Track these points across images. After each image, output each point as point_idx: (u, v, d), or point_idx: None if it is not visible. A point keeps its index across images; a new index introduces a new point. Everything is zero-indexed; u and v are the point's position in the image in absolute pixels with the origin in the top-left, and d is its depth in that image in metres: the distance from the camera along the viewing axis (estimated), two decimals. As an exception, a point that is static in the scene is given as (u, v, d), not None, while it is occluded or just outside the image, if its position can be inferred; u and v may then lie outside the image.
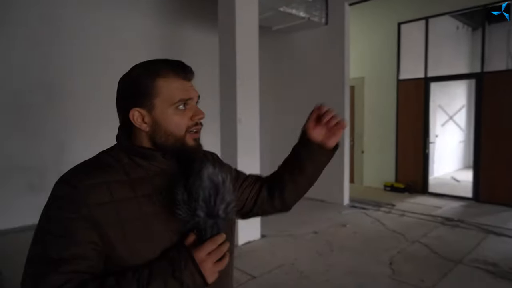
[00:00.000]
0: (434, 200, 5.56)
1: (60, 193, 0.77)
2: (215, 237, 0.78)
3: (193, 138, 0.86)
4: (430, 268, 3.14)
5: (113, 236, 0.75)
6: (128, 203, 0.78)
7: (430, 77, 5.89)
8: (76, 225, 0.73)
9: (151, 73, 0.83)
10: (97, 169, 0.80)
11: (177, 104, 0.83)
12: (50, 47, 4.35)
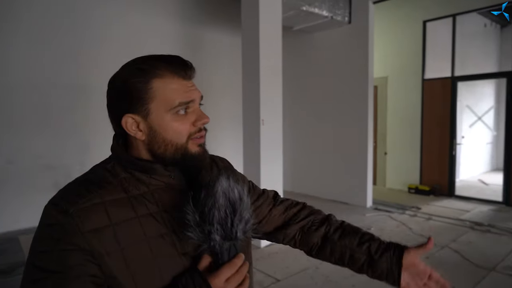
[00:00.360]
0: (461, 204, 5.38)
1: (50, 221, 0.65)
2: (234, 260, 0.68)
3: (197, 144, 0.75)
4: (461, 275, 3.01)
5: (115, 265, 0.65)
6: (129, 225, 0.68)
7: (457, 76, 5.69)
8: (72, 258, 0.63)
9: (145, 73, 0.71)
10: (91, 188, 0.68)
11: (176, 109, 0.71)
12: (76, 48, 4.44)
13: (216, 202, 0.66)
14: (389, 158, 6.64)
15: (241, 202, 0.68)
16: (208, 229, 0.65)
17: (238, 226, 0.67)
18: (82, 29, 4.46)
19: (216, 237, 0.65)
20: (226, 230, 0.66)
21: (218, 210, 0.65)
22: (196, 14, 5.41)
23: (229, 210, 0.66)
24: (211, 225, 0.65)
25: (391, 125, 6.56)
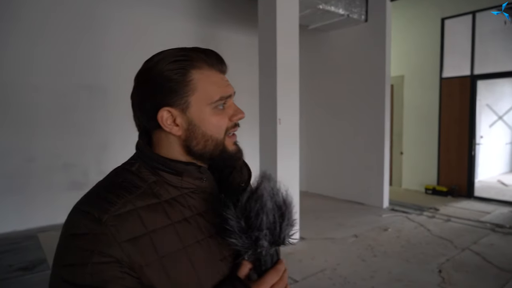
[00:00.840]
0: (480, 205, 5.26)
1: (80, 230, 0.59)
2: (277, 266, 0.66)
3: (233, 142, 0.72)
4: (484, 279, 2.94)
5: (155, 276, 0.60)
6: (165, 233, 0.63)
7: (477, 74, 5.57)
8: (108, 271, 0.57)
9: (184, 64, 0.67)
10: (120, 193, 0.63)
11: (217, 103, 0.68)
12: (96, 50, 4.49)
13: (263, 206, 0.62)
14: (405, 158, 6.54)
15: (286, 205, 0.65)
16: (256, 235, 0.62)
17: (286, 230, 0.64)
18: (101, 30, 4.51)
19: (264, 243, 0.62)
20: (274, 236, 0.63)
21: (267, 215, 0.62)
22: (212, 13, 5.42)
23: (277, 214, 0.63)
24: (260, 230, 0.61)
25: (407, 125, 6.46)
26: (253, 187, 0.66)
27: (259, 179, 0.66)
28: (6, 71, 3.96)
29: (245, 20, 5.63)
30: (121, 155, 4.24)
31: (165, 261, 0.62)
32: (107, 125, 4.64)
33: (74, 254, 0.58)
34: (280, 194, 0.66)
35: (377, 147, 5.19)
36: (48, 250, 3.52)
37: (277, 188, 0.66)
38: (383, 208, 5.15)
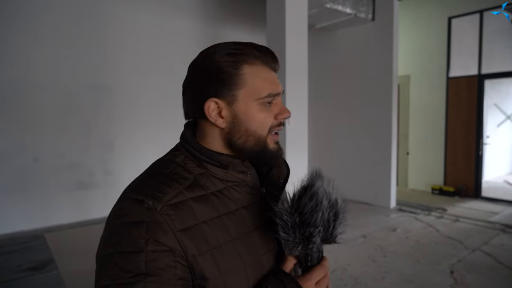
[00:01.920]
0: (488, 205, 5.22)
1: (134, 218, 0.60)
2: (323, 263, 0.67)
3: (274, 141, 0.72)
4: (496, 280, 2.91)
5: (206, 266, 0.61)
6: (214, 224, 0.64)
7: (484, 74, 5.53)
8: (163, 260, 0.58)
9: (237, 58, 0.67)
10: (172, 184, 0.64)
11: (265, 99, 0.68)
12: (100, 48, 4.47)
13: (319, 203, 0.63)
14: (411, 158, 6.50)
15: (340, 204, 0.67)
16: (310, 231, 0.63)
17: (338, 229, 0.66)
18: (106, 29, 4.49)
19: (317, 239, 0.63)
20: (327, 233, 0.64)
21: (322, 212, 0.63)
22: (218, 12, 5.40)
23: (331, 212, 0.65)
24: (315, 227, 0.63)
25: (414, 125, 6.43)
26: (305, 184, 0.66)
27: (313, 177, 0.67)
28: (11, 70, 3.95)
29: (251, 19, 5.62)
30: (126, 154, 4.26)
31: (215, 252, 0.63)
32: (112, 124, 4.62)
33: (129, 241, 0.59)
34: (334, 194, 0.67)
35: (384, 146, 5.16)
36: (55, 250, 3.47)
37: (331, 187, 0.67)
38: (390, 208, 5.12)
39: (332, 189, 0.67)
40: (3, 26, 3.85)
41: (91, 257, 2.83)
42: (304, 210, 0.63)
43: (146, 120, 4.84)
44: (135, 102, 4.77)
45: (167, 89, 4.99)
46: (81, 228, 4.19)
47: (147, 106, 4.85)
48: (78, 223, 4.36)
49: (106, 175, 4.63)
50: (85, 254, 3.42)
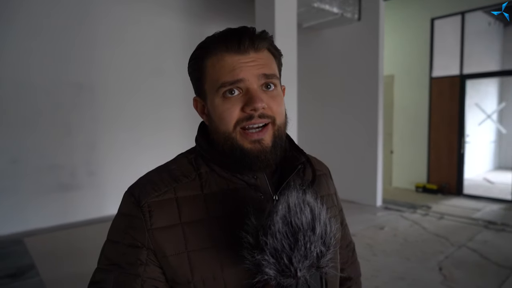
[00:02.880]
0: (470, 202, 5.35)
1: (123, 210, 0.64)
2: None
3: (250, 140, 0.61)
4: (484, 275, 2.96)
5: (178, 269, 0.58)
6: (199, 227, 0.60)
7: (466, 74, 5.67)
8: (134, 255, 0.59)
9: (201, 51, 0.64)
10: (167, 181, 0.63)
11: (221, 90, 0.61)
12: (82, 47, 4.32)
13: (271, 226, 0.50)
14: (395, 156, 6.60)
15: (310, 231, 0.50)
16: (257, 258, 0.50)
17: (300, 263, 0.50)
18: (89, 26, 4.34)
19: (268, 271, 0.50)
20: (282, 265, 0.50)
21: (273, 238, 0.49)
22: (205, 11, 5.32)
23: (287, 241, 0.49)
24: (261, 254, 0.50)
25: (397, 124, 6.53)
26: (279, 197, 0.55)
27: (287, 189, 0.55)
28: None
29: (238, 18, 5.56)
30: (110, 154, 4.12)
31: (192, 256, 0.59)
32: (95, 124, 4.48)
33: (114, 231, 0.63)
34: (306, 215, 0.51)
35: (370, 145, 5.21)
36: (36, 255, 3.34)
37: (305, 205, 0.52)
38: (376, 206, 5.17)
39: (303, 210, 0.51)
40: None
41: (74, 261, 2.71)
42: (257, 231, 0.51)
43: (131, 120, 4.71)
44: (119, 101, 4.64)
45: (153, 89, 4.87)
46: (63, 232, 4.03)
47: (132, 106, 4.72)
48: (60, 226, 4.20)
49: (88, 176, 4.48)
50: (67, 259, 3.29)
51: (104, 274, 0.61)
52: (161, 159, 3.52)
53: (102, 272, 0.61)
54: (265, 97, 0.62)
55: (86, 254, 3.41)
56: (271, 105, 0.63)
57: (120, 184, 4.64)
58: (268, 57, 0.65)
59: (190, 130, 5.37)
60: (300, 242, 0.49)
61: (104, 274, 0.61)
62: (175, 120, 5.16)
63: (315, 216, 0.52)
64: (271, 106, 0.63)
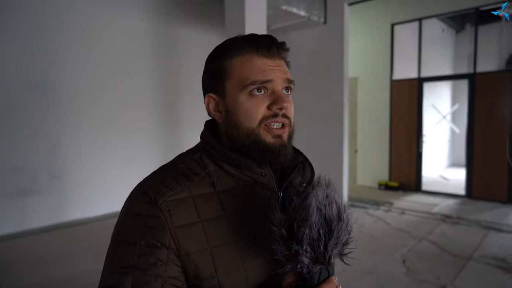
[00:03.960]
0: (428, 198, 5.68)
1: (136, 210, 0.61)
2: (323, 286, 0.58)
3: (273, 135, 0.66)
4: (443, 266, 3.17)
5: (202, 265, 0.60)
6: (218, 223, 0.63)
7: (423, 77, 6.01)
8: (155, 255, 0.59)
9: (225, 51, 0.68)
10: (180, 179, 0.64)
11: (249, 88, 0.65)
12: (42, 45, 4.11)
13: (308, 218, 0.54)
14: (359, 156, 6.86)
15: (340, 221, 0.56)
16: (295, 249, 0.54)
17: (333, 250, 0.56)
18: (51, 24, 4.14)
19: (304, 259, 0.55)
20: (317, 253, 0.55)
21: (310, 229, 0.54)
22: (173, 11, 5.25)
23: (323, 230, 0.55)
24: (300, 245, 0.54)
25: (361, 124, 6.79)
26: (303, 192, 0.60)
27: (312, 186, 0.60)
28: None
29: (207, 18, 5.54)
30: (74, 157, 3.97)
31: (214, 252, 0.61)
32: (59, 125, 4.28)
33: (127, 232, 0.61)
34: (334, 207, 0.56)
35: (336, 145, 5.37)
36: None
37: (332, 198, 0.57)
38: (343, 204, 5.35)
39: (332, 202, 0.57)
40: None
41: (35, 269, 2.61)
42: (292, 223, 0.55)
43: (98, 121, 4.55)
44: (84, 102, 4.46)
45: (120, 89, 4.74)
46: (23, 239, 3.82)
47: (98, 106, 4.57)
48: (19, 233, 3.97)
49: (51, 179, 4.27)
50: (29, 267, 3.13)
51: (120, 277, 0.58)
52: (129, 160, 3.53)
53: (116, 275, 0.59)
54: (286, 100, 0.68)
55: (47, 261, 3.26)
56: (289, 108, 0.69)
57: (85, 188, 4.49)
58: (287, 67, 0.72)
59: (158, 131, 5.28)
60: (334, 230, 0.55)
61: (119, 277, 0.58)
62: (143, 121, 5.05)
63: (340, 208, 0.58)
64: (289, 109, 0.69)
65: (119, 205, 0.65)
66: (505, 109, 5.20)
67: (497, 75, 5.34)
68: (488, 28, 5.84)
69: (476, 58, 5.44)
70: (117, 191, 4.76)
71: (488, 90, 5.36)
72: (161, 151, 5.25)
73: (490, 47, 5.59)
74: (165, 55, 5.26)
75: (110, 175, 4.69)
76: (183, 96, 5.54)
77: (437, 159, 8.25)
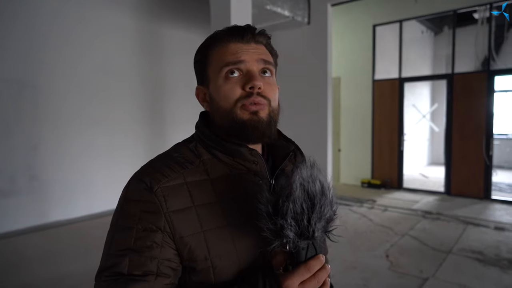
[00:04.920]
0: (409, 195, 5.82)
1: (133, 196, 0.64)
2: (310, 262, 0.59)
3: (249, 111, 0.67)
4: (425, 259, 3.26)
5: (195, 248, 0.63)
6: (211, 209, 0.65)
7: (404, 77, 6.16)
8: (150, 238, 0.62)
9: (208, 43, 0.73)
10: (175, 167, 0.67)
11: (224, 70, 0.68)
12: (21, 42, 4.01)
13: (291, 193, 0.57)
14: (342, 154, 6.96)
15: (323, 196, 0.59)
16: (280, 223, 0.57)
17: (317, 224, 0.58)
18: (30, 21, 4.04)
19: (289, 233, 0.57)
20: (301, 227, 0.57)
21: (294, 203, 0.57)
22: (155, 8, 5.20)
23: (306, 204, 0.57)
24: (284, 219, 0.57)
25: (344, 124, 6.90)
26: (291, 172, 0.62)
27: (297, 165, 0.62)
28: None
29: (190, 16, 5.51)
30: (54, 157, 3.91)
31: (207, 235, 0.64)
32: (38, 124, 4.18)
33: (124, 217, 0.64)
34: (317, 183, 0.59)
35: (320, 144, 5.44)
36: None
37: (316, 177, 0.60)
38: (327, 202, 5.42)
39: (315, 180, 0.59)
40: None
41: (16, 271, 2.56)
42: (277, 200, 0.58)
43: (79, 121, 4.47)
44: (65, 101, 4.38)
45: (102, 88, 4.67)
46: (1, 241, 3.71)
47: (79, 106, 4.48)
48: None
49: (30, 180, 4.16)
50: (8, 269, 3.04)
51: (117, 259, 0.62)
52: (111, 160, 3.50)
53: (114, 257, 0.62)
54: (262, 81, 0.69)
55: (26, 263, 3.18)
56: (267, 90, 0.70)
57: (66, 188, 4.40)
58: (266, 51, 0.74)
59: (142, 131, 5.22)
60: (317, 205, 0.58)
61: (116, 259, 0.62)
62: (126, 121, 4.99)
63: (324, 185, 0.60)
64: (267, 90, 0.70)
65: (101, 205, 0.68)
66: (481, 109, 5.39)
67: (473, 75, 5.52)
68: (465, 31, 6.04)
69: (454, 59, 5.62)
70: (98, 192, 4.68)
71: (465, 90, 5.54)
72: (144, 150, 5.20)
73: (467, 49, 5.77)
74: (149, 53, 5.21)
75: (92, 176, 4.61)
76: (167, 95, 5.50)
77: (418, 158, 8.46)
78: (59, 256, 3.36)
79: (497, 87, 5.82)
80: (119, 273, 0.61)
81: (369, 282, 2.84)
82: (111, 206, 4.72)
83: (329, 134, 5.42)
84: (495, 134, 6.05)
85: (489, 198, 5.37)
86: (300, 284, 0.60)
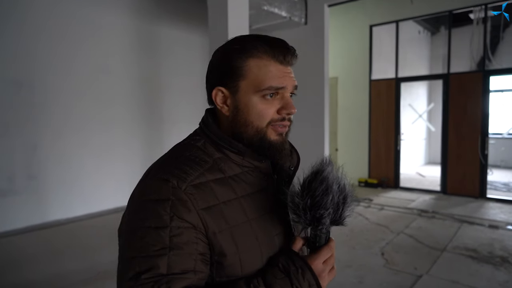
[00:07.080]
0: (406, 194, 5.87)
1: (160, 196, 0.64)
2: (330, 244, 0.71)
3: (277, 133, 0.74)
4: (419, 257, 3.31)
5: (225, 243, 0.66)
6: (233, 205, 0.69)
7: (400, 77, 6.21)
8: (186, 235, 0.63)
9: (244, 51, 0.72)
10: (194, 166, 0.69)
11: (264, 92, 0.71)
12: (20, 42, 4.03)
13: (330, 187, 0.67)
14: (339, 154, 7.01)
15: (346, 189, 0.70)
16: (321, 213, 0.66)
17: (346, 212, 0.70)
18: (29, 21, 4.07)
19: (327, 220, 0.67)
20: (336, 215, 0.68)
21: (333, 196, 0.67)
22: (154, 9, 5.23)
23: (341, 196, 0.69)
24: (325, 209, 0.66)
25: (341, 123, 6.94)
26: (315, 169, 0.70)
27: (323, 163, 0.70)
28: None
29: (188, 17, 5.54)
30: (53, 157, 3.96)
31: (234, 231, 0.68)
32: (36, 124, 4.21)
33: (155, 217, 0.63)
34: (343, 179, 0.70)
35: (318, 144, 5.48)
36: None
37: (340, 173, 0.71)
38: (324, 201, 5.46)
39: (341, 175, 0.71)
40: None
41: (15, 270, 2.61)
42: (315, 193, 0.67)
43: (76, 120, 4.50)
44: (63, 100, 4.40)
45: (99, 87, 4.69)
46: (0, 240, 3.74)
47: (77, 105, 4.51)
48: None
49: (29, 180, 4.19)
50: (7, 268, 3.07)
51: (154, 260, 0.61)
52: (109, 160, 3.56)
53: (149, 259, 0.61)
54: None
55: (24, 262, 3.21)
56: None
57: (65, 188, 4.42)
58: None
59: (139, 130, 5.25)
60: (348, 195, 0.70)
61: (153, 261, 0.61)
62: (123, 120, 5.02)
63: (346, 181, 0.71)
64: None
65: (100, 205, 0.67)
66: (477, 108, 5.44)
67: (469, 75, 5.58)
68: (461, 31, 6.09)
69: (449, 59, 5.67)
70: (97, 191, 4.71)
71: (461, 90, 5.59)
72: (142, 150, 5.23)
73: (462, 49, 5.83)
74: (145, 52, 5.24)
75: (90, 175, 4.64)
76: (164, 95, 5.53)
77: (414, 157, 8.51)
78: (57, 254, 3.39)
79: (493, 87, 5.88)
80: (159, 274, 0.60)
81: (364, 279, 2.88)
82: (109, 205, 4.75)
83: (326, 133, 5.46)
84: (491, 133, 6.11)
85: (484, 196, 5.43)
86: (323, 263, 0.70)
